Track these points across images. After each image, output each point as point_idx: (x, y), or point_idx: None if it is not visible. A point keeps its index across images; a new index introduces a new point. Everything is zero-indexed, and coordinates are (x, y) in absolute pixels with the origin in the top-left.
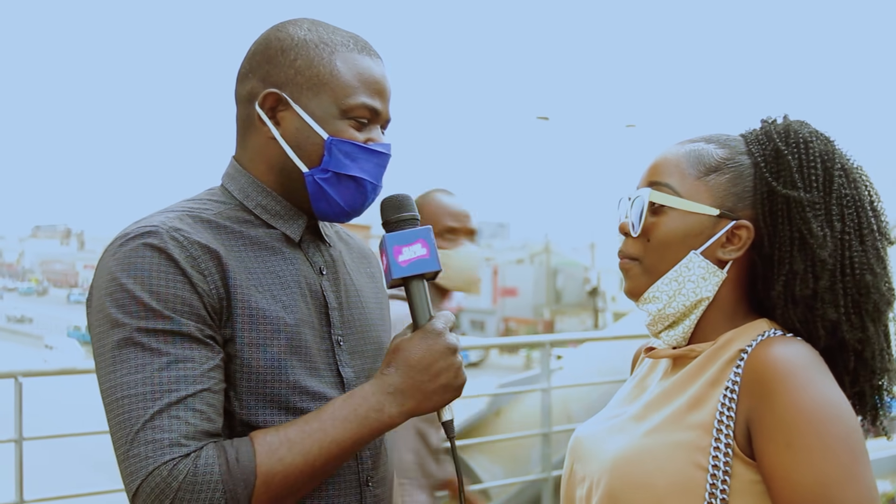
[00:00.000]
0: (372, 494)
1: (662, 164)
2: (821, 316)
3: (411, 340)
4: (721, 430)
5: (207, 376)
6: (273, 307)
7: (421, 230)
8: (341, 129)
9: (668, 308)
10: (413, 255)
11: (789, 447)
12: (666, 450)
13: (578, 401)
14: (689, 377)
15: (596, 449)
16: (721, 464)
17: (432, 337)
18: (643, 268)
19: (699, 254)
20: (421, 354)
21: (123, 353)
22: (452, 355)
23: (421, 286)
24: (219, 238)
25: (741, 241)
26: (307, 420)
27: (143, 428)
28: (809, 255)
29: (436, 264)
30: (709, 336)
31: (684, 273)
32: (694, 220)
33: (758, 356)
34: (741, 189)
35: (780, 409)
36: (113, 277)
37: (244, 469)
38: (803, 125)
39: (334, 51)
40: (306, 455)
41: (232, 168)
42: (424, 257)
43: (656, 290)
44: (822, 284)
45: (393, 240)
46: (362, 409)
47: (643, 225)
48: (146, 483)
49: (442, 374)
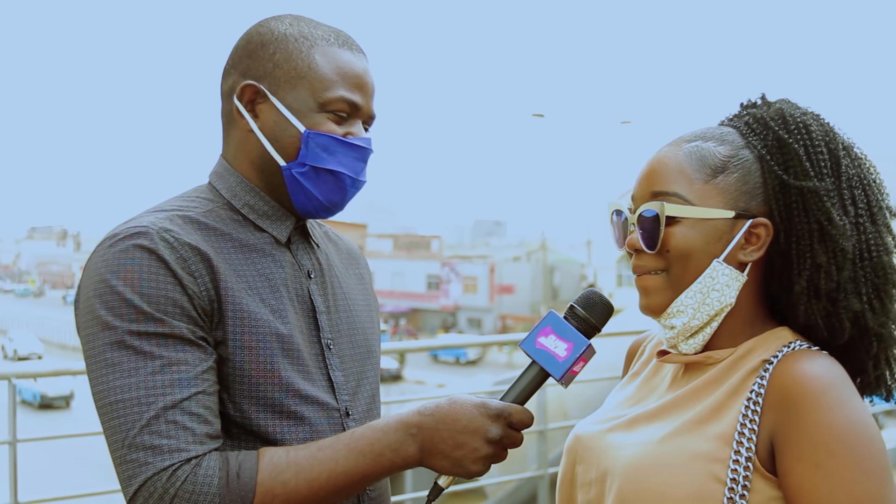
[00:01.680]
0: (369, 498)
1: (663, 170)
2: (844, 307)
3: (468, 402)
4: (742, 442)
5: (202, 378)
6: (262, 311)
7: (582, 342)
8: (319, 123)
9: (693, 320)
10: (553, 347)
11: (819, 467)
12: (683, 459)
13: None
14: (708, 385)
15: (602, 452)
16: (740, 477)
17: (484, 412)
18: (669, 281)
19: (721, 261)
20: (460, 417)
21: (115, 357)
22: (485, 441)
23: (536, 375)
24: (208, 240)
25: (761, 240)
26: (321, 447)
27: (141, 432)
28: (831, 247)
29: (559, 372)
30: (726, 343)
31: (708, 283)
32: (710, 226)
33: (785, 371)
34: (751, 186)
35: (811, 429)
36: (102, 279)
37: (244, 486)
38: (794, 107)
39: (314, 45)
40: (311, 483)
41: (220, 166)
42: (556, 358)
43: (680, 303)
44: (844, 275)
45: (555, 324)
46: (378, 446)
47: (661, 238)
48: (144, 488)
49: (464, 448)
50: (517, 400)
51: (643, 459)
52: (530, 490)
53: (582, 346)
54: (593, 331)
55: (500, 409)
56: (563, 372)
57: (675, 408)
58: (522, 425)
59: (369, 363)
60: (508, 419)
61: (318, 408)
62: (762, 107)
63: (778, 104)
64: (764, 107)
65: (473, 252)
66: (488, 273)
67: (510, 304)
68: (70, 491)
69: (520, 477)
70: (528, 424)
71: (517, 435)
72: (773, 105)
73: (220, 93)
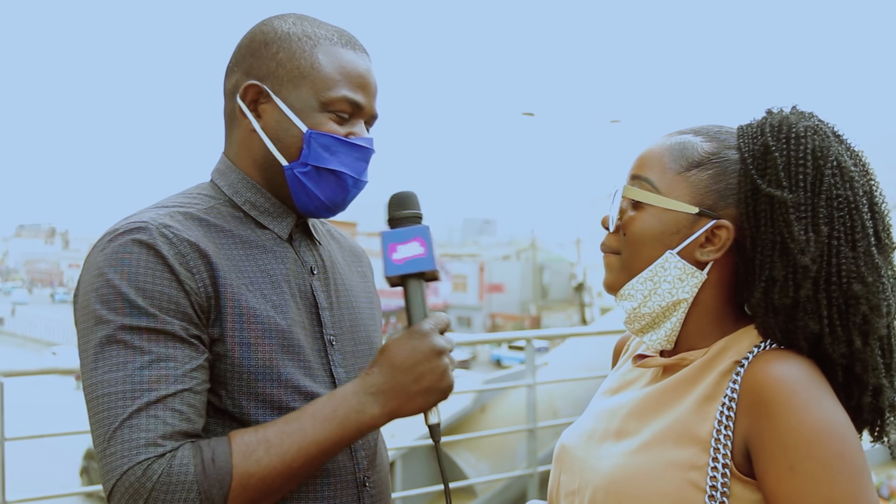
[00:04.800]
0: (369, 495)
1: (647, 157)
2: (801, 327)
3: (398, 341)
4: (718, 448)
5: (189, 376)
6: (264, 307)
7: (418, 228)
8: (321, 123)
9: (643, 307)
10: (409, 253)
11: (792, 470)
12: (661, 468)
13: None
14: (681, 386)
15: (584, 462)
16: (719, 484)
17: (418, 337)
18: (621, 263)
19: (675, 254)
20: (405, 355)
21: (106, 351)
22: (438, 357)
23: (417, 286)
24: (209, 236)
25: (720, 242)
26: (287, 420)
27: (121, 427)
28: (790, 261)
29: (431, 264)
30: (698, 343)
31: (660, 273)
32: (671, 217)
33: (756, 373)
34: (724, 186)
35: (782, 431)
36: (100, 273)
37: (220, 470)
38: (803, 118)
39: (317, 44)
40: (283, 457)
41: (221, 164)
42: (420, 256)
43: (631, 287)
44: (802, 293)
45: (389, 237)
46: (342, 410)
47: (620, 220)
48: (121, 482)
49: (426, 376)
50: (423, 314)
51: (621, 470)
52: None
53: (423, 230)
54: (417, 217)
55: (426, 326)
56: (434, 261)
57: (651, 411)
58: (448, 328)
59: (371, 360)
60: (438, 328)
61: (307, 403)
62: (777, 114)
63: (790, 114)
64: (777, 114)
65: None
66: (478, 272)
67: (500, 302)
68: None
69: (509, 476)
70: (448, 325)
71: (451, 340)
72: (785, 114)
73: (223, 90)
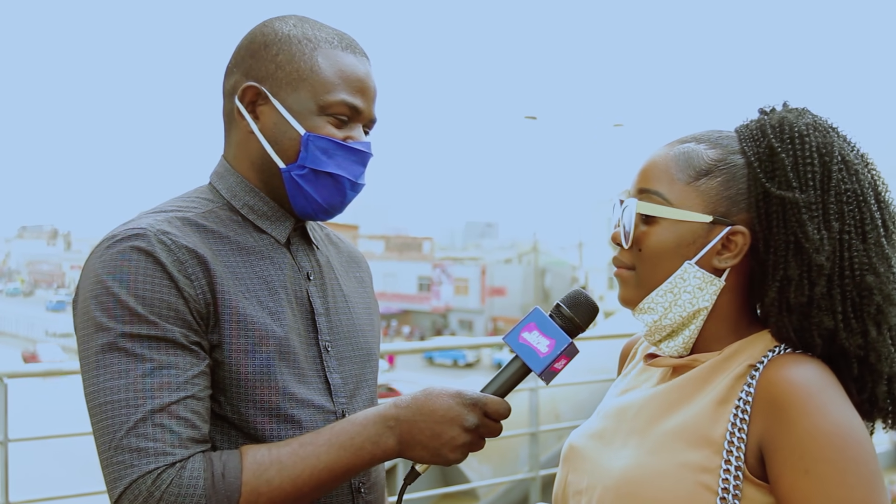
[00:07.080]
0: (364, 501)
1: (652, 169)
2: (816, 324)
3: (444, 392)
4: (731, 451)
5: (191, 383)
6: (260, 314)
7: (563, 338)
8: (319, 126)
9: (664, 319)
10: (535, 342)
11: (807, 474)
12: (673, 470)
13: (566, 400)
14: (691, 385)
15: (594, 462)
16: (731, 486)
17: (461, 404)
18: (637, 279)
19: (693, 264)
20: (439, 406)
21: (107, 358)
22: (462, 431)
23: (516, 369)
24: (207, 242)
25: (737, 248)
26: (302, 443)
27: (127, 435)
28: (805, 260)
29: (538, 366)
30: (712, 346)
31: (679, 284)
32: (686, 228)
33: (771, 377)
34: (735, 192)
35: (798, 435)
36: (99, 280)
37: (229, 486)
38: (801, 115)
39: (317, 47)
40: (295, 480)
41: (220, 166)
42: (538, 353)
43: (651, 301)
44: (817, 291)
45: (538, 317)
46: (359, 440)
47: (634, 235)
48: (129, 491)
49: (442, 438)
50: (497, 392)
51: (632, 470)
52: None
53: (564, 343)
54: (577, 330)
55: (476, 399)
56: (544, 368)
57: (662, 412)
58: (498, 415)
59: (368, 366)
60: (484, 408)
61: (314, 410)
62: (772, 113)
63: (787, 113)
64: (773, 114)
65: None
66: (480, 275)
67: (501, 306)
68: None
69: (511, 479)
70: (504, 415)
71: (494, 424)
72: (783, 113)
73: (222, 91)
